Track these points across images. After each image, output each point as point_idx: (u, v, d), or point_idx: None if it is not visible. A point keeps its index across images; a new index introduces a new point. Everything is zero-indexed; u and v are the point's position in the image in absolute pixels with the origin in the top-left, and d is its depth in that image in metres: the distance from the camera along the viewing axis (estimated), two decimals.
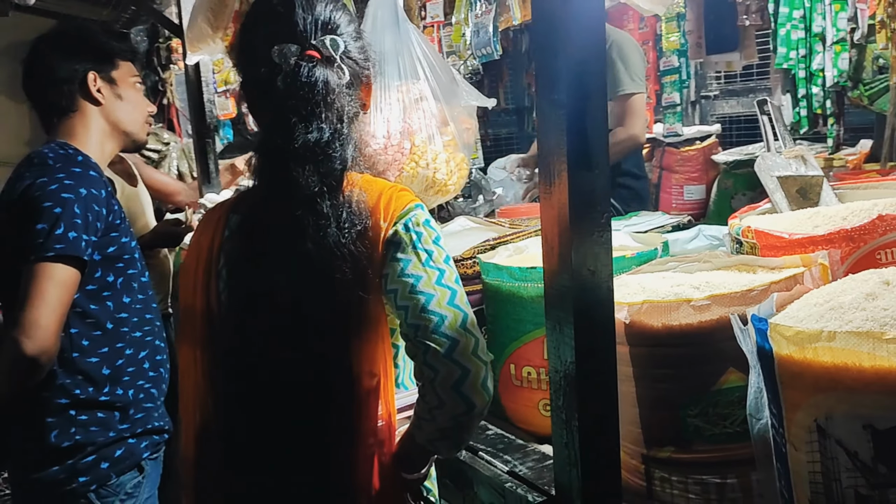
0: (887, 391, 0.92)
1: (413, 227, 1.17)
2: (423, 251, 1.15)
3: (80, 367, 1.69)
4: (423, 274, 1.13)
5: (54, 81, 1.81)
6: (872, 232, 1.38)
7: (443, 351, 1.08)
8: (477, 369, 1.08)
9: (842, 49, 3.11)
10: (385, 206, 1.18)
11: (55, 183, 1.65)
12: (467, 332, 1.10)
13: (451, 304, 1.11)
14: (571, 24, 1.10)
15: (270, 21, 1.22)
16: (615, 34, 2.96)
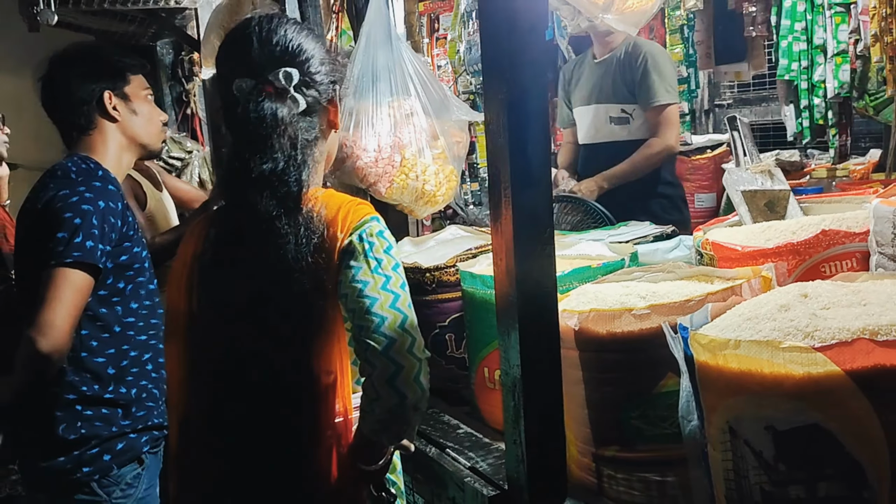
0: (785, 395, 0.99)
1: (366, 238, 1.26)
2: (374, 259, 1.25)
3: (88, 365, 1.82)
4: (371, 280, 1.23)
5: (73, 102, 1.94)
6: (817, 246, 1.45)
7: (380, 349, 1.18)
8: (410, 365, 1.17)
9: (842, 61, 3.15)
10: (343, 218, 1.28)
11: (76, 195, 1.79)
12: (405, 332, 1.19)
13: (392, 306, 1.21)
14: (514, 53, 1.20)
15: (231, 55, 1.35)
16: (647, 45, 3.00)
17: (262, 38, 1.32)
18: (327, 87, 1.36)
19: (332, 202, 1.31)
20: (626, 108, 2.96)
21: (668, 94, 2.88)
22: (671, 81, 2.92)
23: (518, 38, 1.21)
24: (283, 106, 1.28)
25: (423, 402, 1.21)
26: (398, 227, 2.44)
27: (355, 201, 1.33)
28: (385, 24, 2.27)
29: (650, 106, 2.88)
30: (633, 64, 2.91)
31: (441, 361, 2.03)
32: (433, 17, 4.01)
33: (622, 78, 2.94)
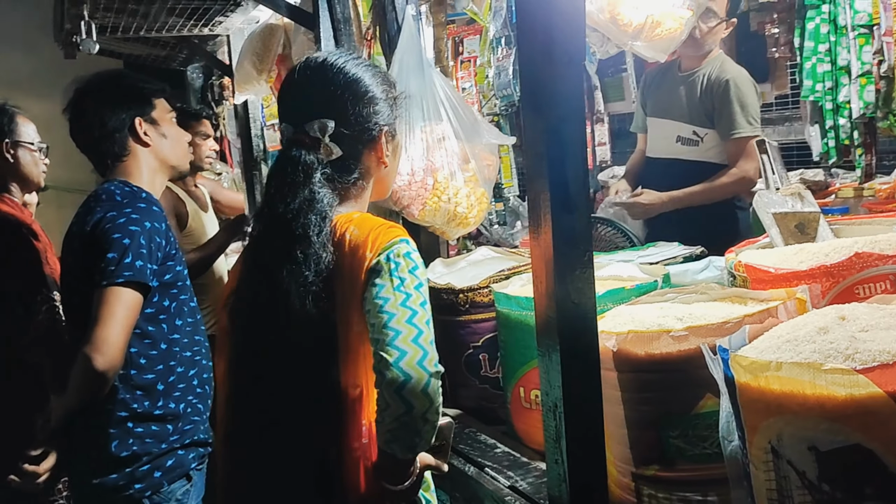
0: (827, 416, 1.01)
1: (393, 258, 1.32)
2: (397, 277, 1.31)
3: (138, 382, 1.89)
4: (392, 296, 1.29)
5: (106, 132, 2.01)
6: (850, 268, 1.47)
7: (391, 360, 1.23)
8: (419, 377, 1.23)
9: (867, 81, 3.15)
10: (373, 241, 1.35)
11: (123, 217, 1.87)
12: (417, 345, 1.25)
13: (408, 322, 1.27)
14: (552, 83, 1.24)
15: (281, 100, 1.49)
16: (734, 71, 2.88)
17: (305, 85, 1.43)
18: (371, 130, 1.45)
19: (365, 226, 1.38)
20: (698, 131, 2.89)
21: (751, 125, 2.81)
22: (754, 112, 2.84)
23: (555, 69, 1.25)
24: (313, 154, 1.39)
25: (431, 413, 1.24)
26: (429, 248, 2.48)
27: (387, 224, 1.39)
28: (417, 51, 2.32)
29: (730, 137, 2.81)
30: (716, 89, 2.82)
31: (475, 381, 2.07)
32: (458, 41, 4.08)
33: (702, 100, 2.86)
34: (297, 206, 1.36)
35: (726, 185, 2.82)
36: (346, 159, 1.42)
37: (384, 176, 1.53)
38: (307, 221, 1.35)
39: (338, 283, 1.35)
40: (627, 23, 2.40)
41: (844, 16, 3.12)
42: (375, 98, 1.45)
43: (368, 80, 1.45)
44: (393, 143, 1.51)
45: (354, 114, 1.42)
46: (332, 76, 1.42)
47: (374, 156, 1.47)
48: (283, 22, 3.63)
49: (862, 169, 3.45)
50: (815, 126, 3.48)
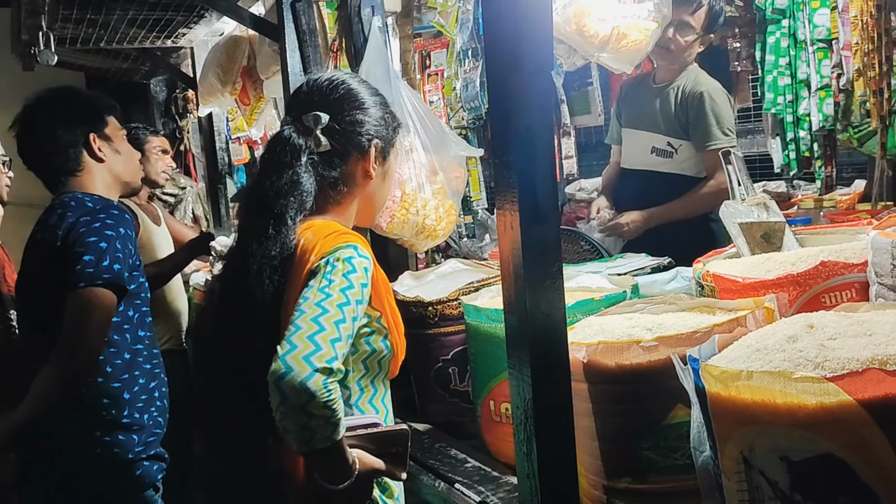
0: (798, 425, 1.01)
1: (332, 261, 1.36)
2: (326, 279, 1.34)
3: (106, 390, 1.89)
4: (311, 295, 1.32)
5: (60, 147, 1.99)
6: (816, 277, 1.48)
7: (280, 353, 1.26)
8: (300, 370, 1.23)
9: (826, 94, 3.22)
10: (321, 246, 1.39)
11: (98, 222, 1.89)
12: (310, 341, 1.27)
13: (313, 319, 1.29)
14: (520, 93, 1.23)
15: (290, 102, 1.61)
16: (707, 83, 2.90)
17: (312, 88, 1.53)
18: (361, 139, 1.52)
19: (320, 232, 1.42)
20: (672, 143, 2.90)
21: (726, 137, 2.84)
22: (728, 124, 2.87)
23: (523, 78, 1.24)
24: (303, 138, 1.46)
25: (314, 407, 1.23)
26: (398, 261, 2.46)
27: (340, 231, 1.44)
28: (384, 63, 2.31)
29: (706, 149, 2.82)
30: (691, 101, 2.84)
31: (445, 395, 2.04)
32: (425, 54, 4.08)
33: (676, 112, 2.88)
34: (279, 186, 1.42)
35: (705, 197, 2.84)
36: (333, 155, 1.49)
37: (371, 195, 1.57)
38: (286, 202, 1.41)
39: (289, 284, 1.40)
40: (594, 34, 2.42)
41: (804, 30, 3.19)
42: (370, 111, 1.54)
43: (368, 95, 1.55)
44: (384, 166, 1.57)
45: (349, 115, 1.51)
46: (337, 84, 1.53)
47: (361, 165, 1.53)
48: (247, 34, 3.60)
49: (822, 180, 3.52)
50: (776, 138, 3.54)
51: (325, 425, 1.25)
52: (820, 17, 3.11)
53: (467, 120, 3.95)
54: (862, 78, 2.90)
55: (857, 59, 2.89)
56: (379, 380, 1.48)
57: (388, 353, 1.47)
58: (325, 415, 1.25)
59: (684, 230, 2.87)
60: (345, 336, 1.31)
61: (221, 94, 3.36)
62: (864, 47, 2.87)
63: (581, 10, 2.41)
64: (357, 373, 1.44)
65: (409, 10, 3.12)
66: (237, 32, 3.69)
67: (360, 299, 1.35)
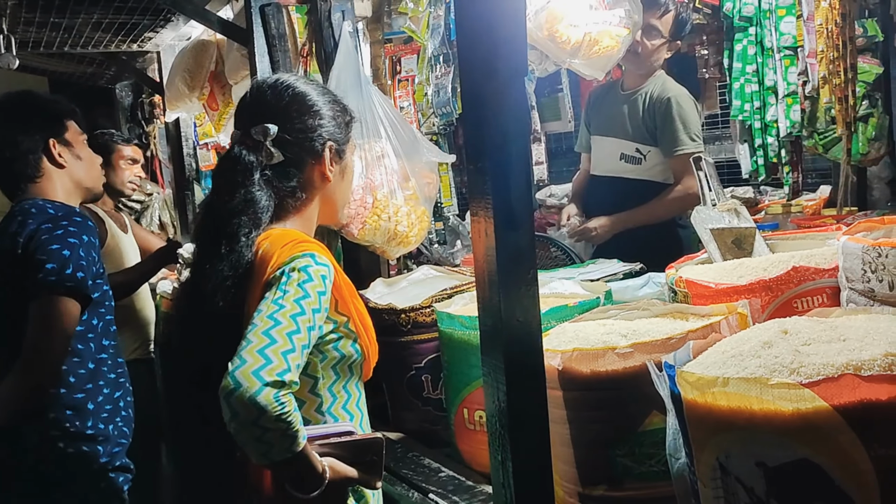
0: (774, 432, 1.01)
1: (288, 271, 1.33)
2: (281, 290, 1.31)
3: (68, 401, 1.84)
4: (265, 308, 1.30)
5: (19, 153, 1.95)
6: (788, 282, 1.49)
7: (231, 368, 1.24)
8: (249, 385, 1.21)
9: (793, 101, 3.26)
10: (279, 255, 1.36)
11: (61, 229, 1.84)
12: (261, 355, 1.24)
13: (265, 332, 1.26)
14: (495, 99, 1.22)
15: (236, 114, 1.57)
16: (675, 90, 2.93)
17: (257, 98, 1.49)
18: (314, 142, 1.48)
19: (278, 241, 1.39)
20: (641, 149, 2.92)
21: (693, 142, 2.86)
22: (696, 129, 2.89)
23: (498, 84, 1.23)
24: (254, 155, 1.43)
25: (266, 421, 1.21)
26: (370, 268, 2.44)
27: (298, 240, 1.40)
28: (354, 68, 2.29)
29: (674, 154, 2.85)
30: (658, 107, 2.86)
31: (418, 403, 2.02)
32: (395, 60, 4.06)
33: (644, 118, 2.89)
34: (233, 206, 1.40)
35: (673, 202, 2.86)
36: (287, 166, 1.46)
37: (331, 196, 1.54)
38: (240, 221, 1.39)
39: (247, 296, 1.37)
40: (565, 40, 2.42)
41: (770, 38, 3.23)
42: (321, 113, 1.50)
43: (316, 96, 1.51)
44: (341, 164, 1.53)
45: (298, 122, 1.47)
46: (282, 89, 1.49)
47: (317, 169, 1.50)
48: (215, 38, 3.55)
49: (789, 186, 3.56)
50: (744, 144, 3.57)
51: (281, 438, 1.23)
52: (786, 25, 3.16)
53: (438, 126, 3.94)
54: (827, 85, 2.94)
55: (823, 66, 2.93)
56: (352, 384, 1.46)
57: (358, 357, 1.45)
58: (280, 427, 1.23)
59: (653, 235, 2.89)
60: (299, 347, 1.28)
61: (189, 100, 3.31)
62: (830, 55, 2.92)
63: (553, 15, 2.42)
64: (328, 379, 1.42)
65: (380, 15, 3.10)
66: (205, 37, 3.64)
67: (317, 308, 1.33)
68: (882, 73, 3.32)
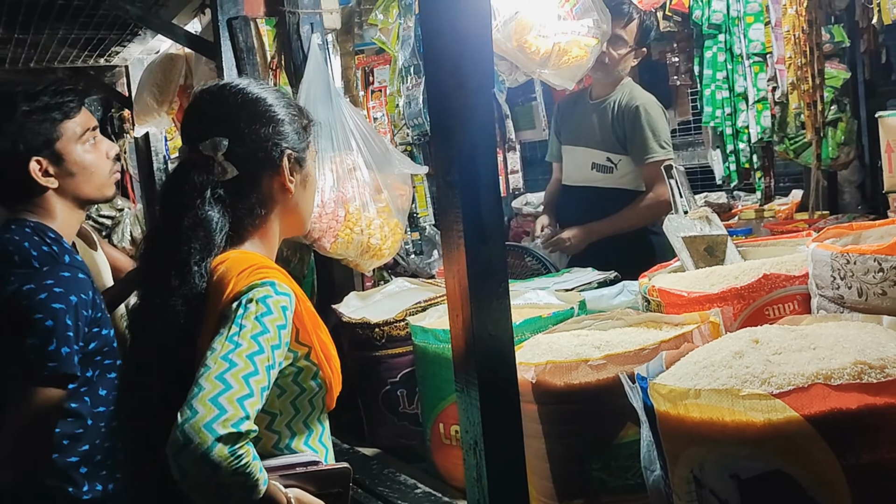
0: (746, 443, 1.00)
1: (245, 303, 1.21)
2: (237, 325, 1.19)
3: (60, 467, 1.64)
4: (219, 347, 1.17)
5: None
6: (759, 290, 1.49)
7: (179, 420, 1.11)
8: (200, 441, 1.09)
9: (763, 107, 3.29)
10: (235, 283, 1.23)
11: (45, 291, 1.58)
12: (213, 404, 1.12)
13: (218, 377, 1.14)
14: (462, 111, 1.21)
15: (182, 125, 1.42)
16: (642, 98, 2.93)
17: (202, 107, 1.37)
18: (270, 152, 1.34)
19: (235, 267, 1.26)
20: (612, 158, 2.92)
21: (663, 149, 2.87)
22: (665, 136, 2.90)
23: (465, 97, 1.22)
24: (204, 174, 1.30)
25: (221, 477, 1.10)
26: (344, 282, 2.41)
27: (257, 265, 1.27)
28: (324, 81, 2.27)
29: (644, 162, 2.86)
30: (627, 115, 2.86)
31: (393, 418, 2.00)
32: (367, 71, 4.04)
33: (614, 127, 2.90)
34: (181, 231, 1.27)
35: (644, 210, 2.87)
36: (242, 182, 1.33)
37: (293, 208, 1.41)
38: (189, 248, 1.26)
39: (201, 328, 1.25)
40: (535, 51, 2.42)
41: (739, 45, 3.26)
42: (276, 119, 1.36)
43: (270, 100, 1.37)
44: (301, 172, 1.40)
45: (251, 132, 1.33)
46: (230, 96, 1.35)
47: (276, 181, 1.36)
48: (184, 52, 3.51)
49: (762, 191, 3.59)
50: (716, 150, 3.60)
51: (239, 490, 1.12)
52: (755, 32, 3.19)
53: (412, 136, 3.93)
54: (796, 91, 2.97)
55: (791, 72, 2.97)
56: (313, 419, 1.34)
57: (319, 390, 1.33)
58: (238, 482, 1.12)
59: (626, 243, 2.90)
60: (258, 390, 1.15)
61: (158, 114, 3.27)
62: (797, 61, 2.95)
63: (522, 26, 2.42)
64: (286, 415, 1.30)
65: (350, 27, 3.09)
66: (173, 50, 3.60)
67: (277, 344, 1.21)
68: (849, 77, 3.37)
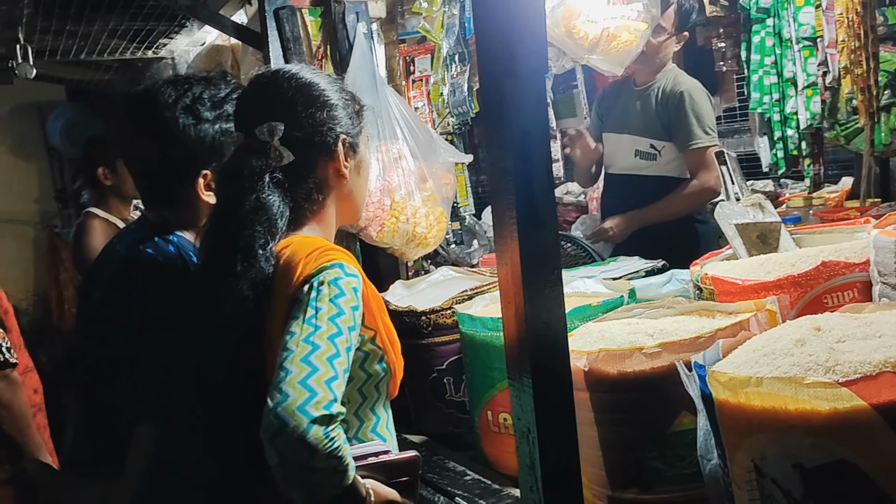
0: (811, 432, 0.98)
1: (317, 285, 1.21)
2: (312, 308, 1.19)
3: None
4: (298, 331, 1.17)
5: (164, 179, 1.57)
6: (818, 277, 1.46)
7: (271, 404, 1.11)
8: (296, 424, 1.09)
9: (813, 93, 3.21)
10: (303, 266, 1.24)
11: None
12: (304, 387, 1.12)
13: (303, 360, 1.14)
14: (515, 97, 1.20)
15: (235, 112, 1.44)
16: (687, 83, 2.92)
17: (257, 93, 1.37)
18: (325, 136, 1.36)
19: (301, 250, 1.27)
20: (655, 144, 2.89)
21: (708, 135, 2.84)
22: (710, 122, 2.87)
23: (518, 82, 1.21)
24: (262, 159, 1.30)
25: (316, 461, 1.10)
26: (389, 270, 2.43)
27: (325, 248, 1.28)
28: (370, 69, 2.28)
29: (688, 149, 2.83)
30: (671, 101, 2.84)
31: (441, 406, 2.01)
32: (409, 60, 4.05)
33: (658, 113, 2.87)
34: (243, 216, 1.27)
35: (689, 197, 2.84)
36: (298, 167, 1.33)
37: (348, 194, 1.42)
38: (253, 233, 1.26)
39: (269, 310, 1.26)
40: (583, 36, 2.40)
41: (789, 29, 3.19)
42: (331, 103, 1.36)
43: (324, 85, 1.37)
44: (355, 158, 1.41)
45: (307, 117, 1.34)
46: (284, 82, 1.35)
47: (331, 167, 1.37)
48: (230, 43, 3.55)
49: (811, 178, 3.51)
50: (763, 137, 3.53)
51: (331, 476, 1.13)
52: (805, 16, 3.11)
53: (453, 125, 3.92)
54: (849, 75, 2.89)
55: (844, 56, 2.88)
56: (379, 406, 1.35)
57: (385, 375, 1.34)
58: (331, 465, 1.12)
59: (671, 232, 2.86)
60: (341, 372, 1.16)
61: None
62: (851, 44, 2.87)
63: (570, 11, 2.39)
64: (354, 404, 1.30)
65: (394, 15, 3.09)
66: (219, 42, 3.64)
67: (353, 325, 1.21)
68: None
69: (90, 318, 1.50)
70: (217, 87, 1.53)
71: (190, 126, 1.48)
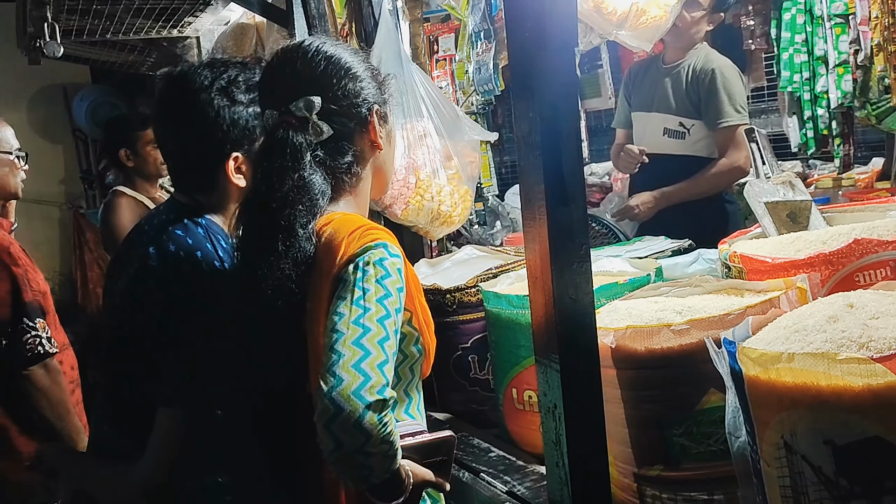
0: (843, 408, 0.98)
1: (362, 266, 1.19)
2: (360, 289, 1.17)
3: None
4: (347, 312, 1.16)
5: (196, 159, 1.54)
6: (850, 255, 1.43)
7: (325, 389, 1.10)
8: (352, 409, 1.08)
9: (844, 71, 3.15)
10: (346, 245, 1.22)
11: None
12: (358, 371, 1.11)
13: (355, 342, 1.13)
14: (545, 71, 1.19)
15: (262, 87, 1.40)
16: (718, 61, 2.88)
17: (288, 67, 1.33)
18: (360, 107, 1.34)
19: (343, 228, 1.25)
20: (684, 122, 2.86)
21: (738, 114, 2.80)
22: (741, 101, 2.83)
23: (548, 56, 1.20)
24: (302, 135, 1.28)
25: (371, 446, 1.09)
26: (413, 249, 2.43)
27: (367, 227, 1.26)
28: (395, 47, 2.27)
29: (718, 126, 2.79)
30: (702, 79, 2.80)
31: (465, 384, 2.02)
32: (432, 39, 4.03)
33: (688, 91, 2.83)
34: (284, 195, 1.25)
35: (717, 176, 2.81)
36: (338, 140, 1.31)
37: (381, 165, 1.40)
38: (294, 212, 1.24)
39: (310, 289, 1.25)
40: (612, 11, 2.37)
41: (820, 6, 3.12)
42: (360, 75, 1.35)
43: (349, 57, 1.35)
44: (385, 127, 1.40)
45: (340, 89, 1.31)
46: (312, 55, 1.33)
47: (366, 137, 1.35)
48: (254, 21, 3.55)
49: (840, 159, 3.45)
50: (792, 117, 3.47)
51: (383, 460, 1.12)
52: None
53: (477, 105, 3.90)
54: (882, 53, 2.83)
55: (877, 33, 2.83)
56: (412, 387, 1.34)
57: (420, 357, 1.33)
58: (383, 450, 1.11)
59: (699, 211, 2.84)
60: (391, 356, 1.14)
61: None
62: (884, 21, 2.81)
63: None
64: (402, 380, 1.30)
65: None
66: (244, 20, 3.64)
67: (399, 307, 1.19)
68: None
69: (117, 300, 1.51)
70: (252, 71, 1.52)
71: (225, 108, 1.47)
